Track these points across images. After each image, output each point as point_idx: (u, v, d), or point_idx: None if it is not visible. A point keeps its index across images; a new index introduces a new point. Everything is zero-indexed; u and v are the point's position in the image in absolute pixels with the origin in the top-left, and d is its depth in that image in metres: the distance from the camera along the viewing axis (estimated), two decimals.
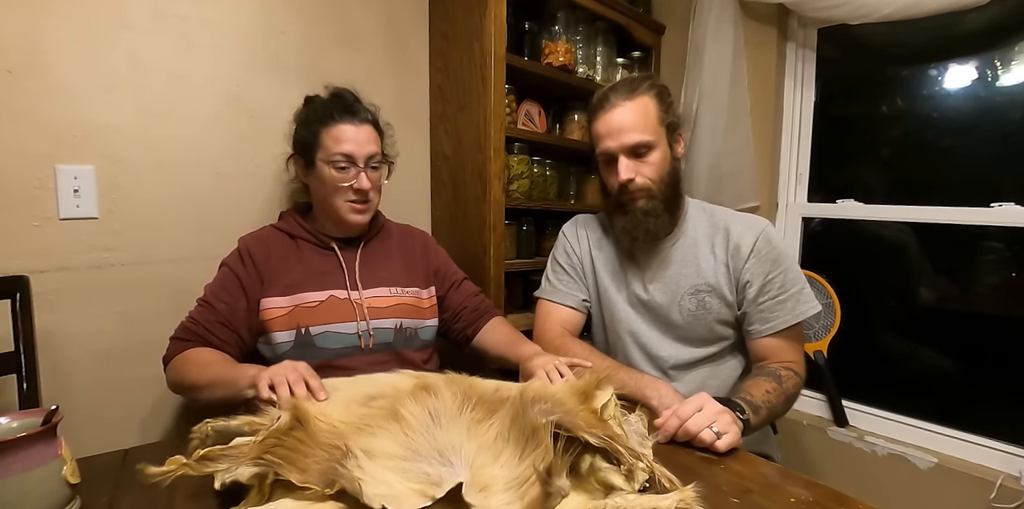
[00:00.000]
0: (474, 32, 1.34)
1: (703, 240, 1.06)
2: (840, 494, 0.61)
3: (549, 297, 1.16)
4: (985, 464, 1.26)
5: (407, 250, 1.14)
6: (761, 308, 1.00)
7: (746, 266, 1.01)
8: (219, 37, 1.16)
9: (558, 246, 1.20)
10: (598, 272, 1.14)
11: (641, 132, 0.98)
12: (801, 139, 1.61)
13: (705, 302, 1.03)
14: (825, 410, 1.53)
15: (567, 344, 1.07)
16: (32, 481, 0.51)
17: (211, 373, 0.85)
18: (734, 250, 1.02)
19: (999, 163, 1.30)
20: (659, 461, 0.67)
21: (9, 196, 0.96)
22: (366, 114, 1.03)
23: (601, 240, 1.16)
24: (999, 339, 1.32)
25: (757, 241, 1.01)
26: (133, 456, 0.69)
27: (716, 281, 1.03)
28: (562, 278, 1.16)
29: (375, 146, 1.01)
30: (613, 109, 0.99)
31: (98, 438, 1.02)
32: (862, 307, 1.51)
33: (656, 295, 1.07)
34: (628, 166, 0.99)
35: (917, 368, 1.45)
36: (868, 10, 1.28)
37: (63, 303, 1.01)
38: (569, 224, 1.22)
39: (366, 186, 0.99)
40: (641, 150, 0.99)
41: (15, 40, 0.94)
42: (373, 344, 1.00)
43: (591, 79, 1.61)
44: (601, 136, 1.01)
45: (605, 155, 1.02)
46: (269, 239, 1.02)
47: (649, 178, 1.00)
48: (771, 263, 1.00)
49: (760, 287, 1.00)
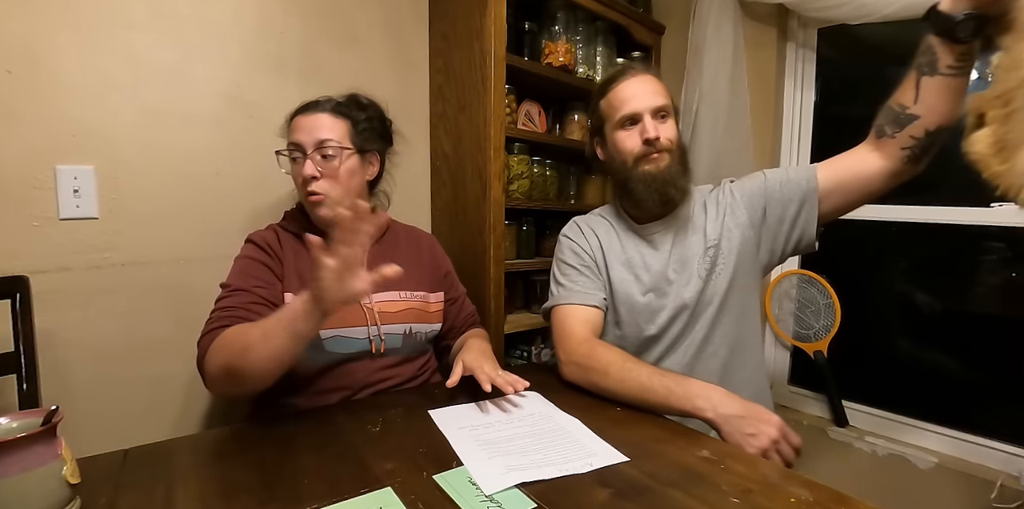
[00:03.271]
0: (474, 32, 1.34)
1: (699, 212, 1.07)
2: (840, 494, 0.61)
3: (566, 301, 1.04)
4: (985, 464, 1.26)
5: (415, 253, 1.10)
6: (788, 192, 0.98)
7: (741, 202, 1.03)
8: (219, 37, 1.16)
9: (562, 250, 1.12)
10: (611, 267, 1.07)
11: (664, 98, 1.01)
12: (801, 139, 1.61)
13: (715, 258, 1.01)
14: (825, 410, 1.53)
15: (596, 350, 0.93)
16: (32, 481, 0.51)
17: (259, 325, 0.76)
18: (724, 203, 1.05)
19: None
20: (659, 460, 0.67)
21: (9, 196, 0.96)
22: (326, 104, 0.96)
23: (608, 233, 1.10)
24: (999, 339, 1.32)
25: (725, 186, 1.07)
26: (133, 456, 0.69)
27: (719, 233, 1.02)
28: (576, 279, 1.07)
29: (327, 132, 0.93)
30: (635, 77, 1.02)
31: (98, 438, 1.02)
32: (862, 307, 1.51)
33: (672, 273, 1.03)
34: (655, 125, 0.99)
35: (917, 368, 1.45)
36: (868, 10, 1.28)
37: (63, 303, 1.01)
38: (569, 227, 1.15)
39: (308, 172, 0.91)
40: (663, 113, 1.01)
41: (15, 40, 0.94)
42: (384, 349, 0.96)
43: (591, 79, 1.60)
44: (625, 99, 1.01)
45: (628, 117, 1.00)
46: (279, 235, 0.99)
47: (670, 140, 1.01)
48: (750, 180, 1.04)
49: (769, 198, 1.00)
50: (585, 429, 0.76)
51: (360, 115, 0.99)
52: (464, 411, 0.84)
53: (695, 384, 0.83)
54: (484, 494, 0.59)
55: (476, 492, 0.59)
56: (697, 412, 0.79)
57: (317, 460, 0.67)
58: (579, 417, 0.80)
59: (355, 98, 1.03)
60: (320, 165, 0.93)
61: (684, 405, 0.80)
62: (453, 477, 0.63)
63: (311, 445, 0.72)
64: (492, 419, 0.81)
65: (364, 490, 0.59)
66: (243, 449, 0.71)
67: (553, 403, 0.87)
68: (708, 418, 0.78)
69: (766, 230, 1.02)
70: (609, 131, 1.05)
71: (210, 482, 0.62)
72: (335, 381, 0.92)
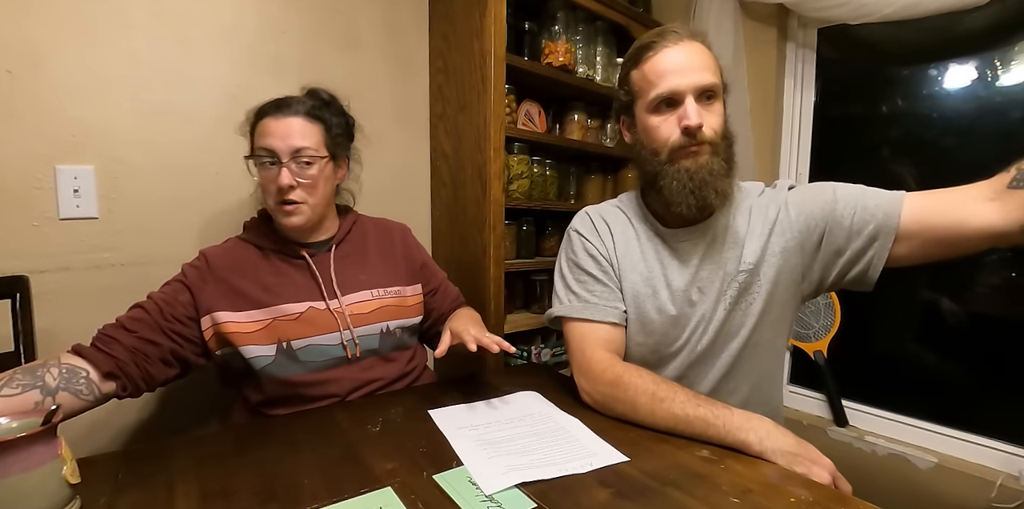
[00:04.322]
0: (474, 32, 1.34)
1: (740, 220, 0.88)
2: (840, 494, 0.61)
3: (582, 315, 0.89)
4: (985, 464, 1.26)
5: (386, 246, 1.07)
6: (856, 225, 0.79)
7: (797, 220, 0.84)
8: (219, 37, 1.16)
9: (575, 248, 0.95)
10: (624, 276, 0.91)
11: (713, 74, 0.81)
12: (801, 139, 1.61)
13: (748, 284, 0.85)
14: (825, 410, 1.53)
15: (622, 379, 0.80)
16: (32, 481, 0.51)
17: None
18: (776, 217, 0.86)
19: (999, 163, 1.29)
20: (659, 460, 0.67)
21: (9, 196, 0.96)
22: (298, 107, 0.92)
23: (626, 233, 0.94)
24: (999, 339, 1.32)
25: (780, 192, 0.88)
26: (133, 456, 0.69)
27: (759, 257, 0.85)
28: (594, 289, 0.90)
29: (302, 140, 0.90)
30: (677, 45, 0.81)
31: (98, 438, 1.02)
32: (862, 307, 1.51)
33: (695, 293, 0.87)
34: (698, 110, 0.79)
35: (917, 368, 1.45)
36: (868, 10, 1.28)
37: (63, 303, 1.01)
38: (581, 221, 0.98)
39: (285, 182, 0.88)
40: (709, 94, 0.81)
41: (15, 40, 0.94)
42: (360, 353, 0.95)
43: (591, 79, 1.61)
44: (663, 72, 0.81)
45: (665, 97, 0.81)
46: (235, 250, 0.95)
47: (715, 130, 0.81)
48: (814, 194, 0.84)
49: (832, 221, 0.81)
50: (585, 429, 0.76)
51: (332, 119, 0.96)
52: (464, 411, 0.84)
53: (737, 415, 0.72)
54: (484, 494, 0.59)
55: (476, 492, 0.59)
56: (742, 446, 0.70)
57: (317, 460, 0.67)
58: (579, 417, 0.80)
59: (317, 94, 0.99)
60: (296, 174, 0.90)
61: (726, 439, 0.71)
62: (453, 477, 0.63)
63: (311, 445, 0.72)
64: (492, 419, 0.81)
65: (364, 490, 0.59)
66: (243, 449, 0.71)
67: (553, 403, 0.87)
68: (755, 452, 0.69)
69: (819, 260, 0.84)
70: (640, 111, 0.86)
71: (210, 482, 0.62)
72: (320, 390, 0.91)
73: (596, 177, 1.78)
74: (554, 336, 1.67)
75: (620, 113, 0.92)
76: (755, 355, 0.87)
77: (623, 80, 0.90)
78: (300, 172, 0.90)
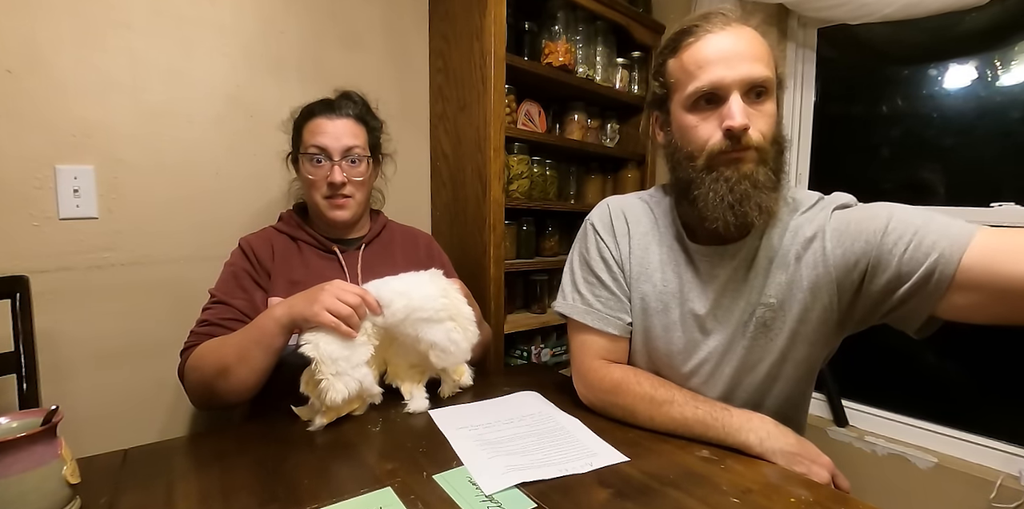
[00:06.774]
0: (474, 32, 1.34)
1: (776, 240, 0.76)
2: (840, 494, 0.61)
3: (584, 320, 0.84)
4: (985, 464, 1.26)
5: (410, 252, 1.12)
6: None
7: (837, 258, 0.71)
8: (219, 37, 1.16)
9: (588, 245, 0.88)
10: (634, 286, 0.84)
11: (766, 66, 0.69)
12: (801, 139, 1.61)
13: (770, 320, 0.75)
14: (825, 410, 1.53)
15: (620, 388, 0.79)
16: (32, 481, 0.51)
17: (233, 343, 0.80)
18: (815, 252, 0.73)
19: (999, 163, 1.29)
20: (659, 460, 0.67)
21: (9, 196, 0.96)
22: (347, 109, 1.01)
23: (646, 238, 0.84)
24: (999, 339, 1.32)
25: (827, 219, 0.73)
26: (133, 456, 0.69)
27: (786, 293, 0.74)
28: (601, 295, 0.85)
29: (353, 139, 0.98)
30: (724, 31, 0.70)
31: (98, 438, 1.02)
32: None
33: (711, 320, 0.79)
34: (743, 108, 0.67)
35: (917, 368, 1.45)
36: (868, 10, 1.28)
37: (63, 303, 1.01)
38: (601, 214, 0.89)
39: (339, 179, 0.96)
40: (760, 90, 0.69)
41: (15, 40, 0.94)
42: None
43: (591, 79, 1.61)
44: (706, 62, 0.69)
45: (706, 92, 0.69)
46: (271, 239, 1.01)
47: (763, 133, 0.69)
48: (860, 224, 0.70)
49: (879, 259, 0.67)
50: (585, 429, 0.76)
51: (374, 122, 1.05)
52: (464, 411, 0.84)
53: (737, 415, 0.70)
54: (484, 494, 0.59)
55: (476, 492, 0.59)
56: (743, 447, 0.68)
57: (317, 460, 0.67)
58: (579, 417, 0.80)
59: (357, 97, 1.06)
60: (347, 171, 0.98)
61: (726, 440, 0.69)
62: (453, 477, 0.63)
63: (311, 445, 0.72)
64: (492, 419, 0.81)
65: (364, 490, 0.59)
66: (243, 449, 0.71)
67: (553, 403, 0.87)
68: (756, 452, 0.68)
69: (861, 298, 0.71)
70: (676, 108, 0.74)
71: (210, 482, 0.62)
72: None
73: (596, 177, 1.78)
74: (554, 336, 1.67)
75: (653, 108, 0.81)
76: (780, 387, 0.79)
77: (658, 70, 0.77)
78: (350, 169, 0.99)
